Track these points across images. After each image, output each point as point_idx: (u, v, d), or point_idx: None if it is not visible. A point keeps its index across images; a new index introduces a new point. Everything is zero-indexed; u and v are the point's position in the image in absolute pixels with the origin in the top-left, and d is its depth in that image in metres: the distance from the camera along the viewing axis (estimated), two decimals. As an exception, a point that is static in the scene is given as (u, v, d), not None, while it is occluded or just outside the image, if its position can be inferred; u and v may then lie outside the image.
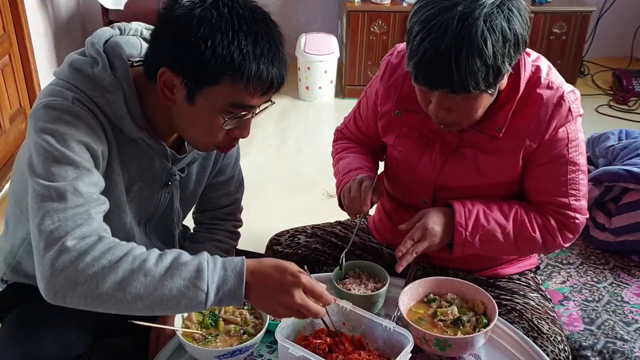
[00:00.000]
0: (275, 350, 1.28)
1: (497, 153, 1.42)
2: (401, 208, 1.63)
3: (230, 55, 1.10)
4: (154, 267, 1.04)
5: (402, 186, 1.60)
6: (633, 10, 4.52)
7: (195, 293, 1.04)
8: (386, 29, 3.88)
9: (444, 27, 1.18)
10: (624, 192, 1.94)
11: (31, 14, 3.30)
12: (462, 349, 1.29)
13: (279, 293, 1.08)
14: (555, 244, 1.48)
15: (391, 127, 1.54)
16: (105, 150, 1.19)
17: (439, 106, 1.30)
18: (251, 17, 1.13)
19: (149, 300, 1.04)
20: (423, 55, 1.21)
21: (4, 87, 3.04)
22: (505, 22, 1.20)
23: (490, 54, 1.19)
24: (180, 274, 1.05)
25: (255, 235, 1.59)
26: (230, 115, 1.18)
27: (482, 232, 1.42)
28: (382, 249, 1.71)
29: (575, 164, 1.42)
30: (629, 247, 1.92)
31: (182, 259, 1.07)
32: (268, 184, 3.16)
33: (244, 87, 1.14)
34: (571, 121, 1.39)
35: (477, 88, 1.22)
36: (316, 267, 1.68)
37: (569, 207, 1.44)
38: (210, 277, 1.05)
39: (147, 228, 1.43)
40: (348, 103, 3.97)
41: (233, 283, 1.06)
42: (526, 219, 1.45)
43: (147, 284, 1.03)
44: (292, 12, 4.48)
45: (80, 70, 1.19)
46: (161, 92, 1.18)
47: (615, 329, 1.65)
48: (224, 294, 1.06)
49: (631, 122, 3.81)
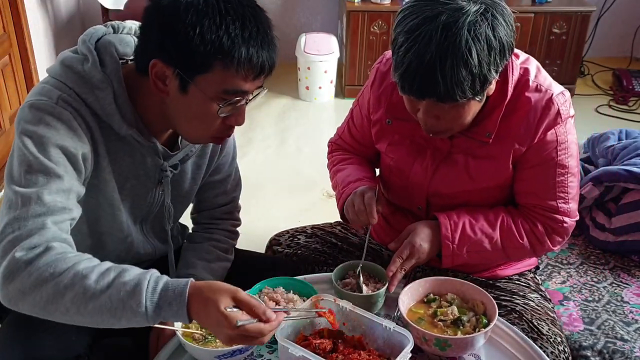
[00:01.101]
0: (275, 350, 1.28)
1: (487, 158, 1.42)
2: (398, 212, 1.64)
3: (219, 40, 1.11)
4: (94, 284, 1.04)
5: (397, 192, 1.61)
6: (633, 10, 4.52)
7: (134, 312, 1.03)
8: (386, 29, 3.88)
9: (428, 38, 1.17)
10: (624, 192, 1.94)
11: (31, 14, 3.31)
12: (462, 349, 1.29)
13: (215, 326, 1.05)
14: (544, 248, 1.48)
15: (383, 134, 1.55)
16: (88, 151, 1.19)
17: (427, 114, 1.30)
18: (237, 2, 1.14)
19: (88, 316, 1.04)
20: (408, 66, 1.20)
21: (4, 87, 3.04)
22: (490, 30, 1.19)
23: (475, 63, 1.18)
24: (118, 293, 1.03)
25: (255, 235, 1.59)
26: (224, 101, 1.18)
27: (469, 243, 1.44)
28: (381, 250, 1.71)
29: (564, 166, 1.42)
30: (629, 247, 1.92)
31: (124, 277, 1.05)
32: (268, 184, 3.17)
33: (235, 72, 1.14)
34: (560, 123, 1.38)
35: (463, 97, 1.22)
36: (316, 267, 1.68)
37: (557, 211, 1.44)
38: (150, 298, 1.04)
39: (144, 226, 1.43)
40: (348, 103, 3.94)
41: (175, 304, 1.04)
42: (513, 226, 1.45)
43: (84, 301, 1.03)
44: (292, 12, 4.48)
45: (71, 67, 1.20)
46: (154, 85, 1.18)
47: (615, 329, 1.65)
48: (166, 314, 1.05)
49: (631, 122, 3.81)
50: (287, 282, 1.45)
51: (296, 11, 4.48)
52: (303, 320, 1.28)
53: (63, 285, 1.03)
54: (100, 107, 1.19)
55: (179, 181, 1.43)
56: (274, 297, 1.39)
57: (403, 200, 1.60)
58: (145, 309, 1.03)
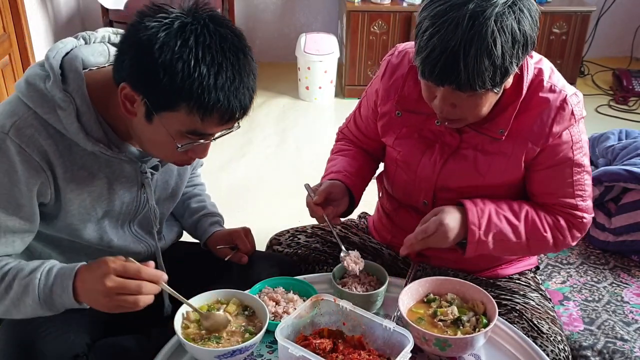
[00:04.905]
0: (275, 350, 1.28)
1: (497, 155, 1.42)
2: (401, 208, 1.63)
3: (189, 86, 1.09)
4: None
5: (402, 187, 1.60)
6: (633, 11, 4.52)
7: (33, 304, 1.20)
8: (386, 29, 3.88)
9: (454, 25, 1.18)
10: (624, 192, 1.94)
11: (31, 14, 3.31)
12: (462, 349, 1.29)
13: (93, 285, 1.15)
14: (565, 243, 1.47)
15: (391, 127, 1.54)
16: (44, 179, 1.21)
17: (444, 101, 1.30)
18: (218, 47, 1.10)
19: (18, 314, 1.23)
20: (432, 51, 1.20)
21: (4, 87, 3.04)
22: (516, 23, 1.20)
23: (499, 54, 1.19)
24: (14, 289, 1.20)
25: (256, 235, 1.59)
26: (186, 141, 1.18)
27: (495, 231, 1.41)
28: (381, 249, 1.71)
29: (580, 165, 1.42)
30: (629, 247, 1.92)
31: (20, 275, 1.20)
32: (268, 184, 3.17)
33: (200, 116, 1.13)
34: (574, 124, 1.39)
35: (482, 87, 1.22)
36: (316, 266, 1.68)
37: (576, 208, 1.44)
38: (43, 284, 1.19)
39: (132, 227, 1.43)
40: (348, 103, 3.97)
41: (59, 288, 1.18)
42: (537, 218, 1.44)
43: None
44: (292, 12, 4.48)
45: (33, 85, 1.19)
46: (122, 105, 1.18)
47: (615, 329, 1.65)
48: (54, 299, 1.19)
49: (631, 122, 3.82)
50: (287, 282, 1.45)
51: (296, 11, 4.48)
52: (303, 320, 1.28)
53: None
54: (63, 127, 1.19)
55: (165, 180, 1.43)
56: (274, 297, 1.40)
57: (408, 196, 1.58)
58: (38, 291, 1.19)
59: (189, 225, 1.62)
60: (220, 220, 1.63)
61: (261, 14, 4.47)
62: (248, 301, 1.34)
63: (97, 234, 1.35)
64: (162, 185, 1.43)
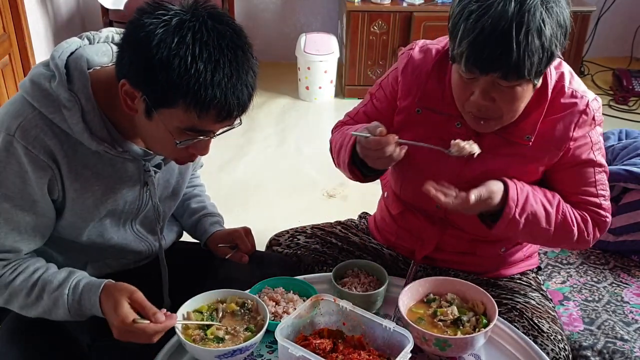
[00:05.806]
0: (275, 350, 1.28)
1: (517, 158, 1.42)
2: (408, 211, 1.61)
3: (185, 83, 1.08)
4: (24, 299, 1.26)
5: (413, 189, 1.54)
6: (633, 10, 4.52)
7: (63, 311, 1.25)
8: (386, 29, 3.88)
9: (502, 6, 1.19)
10: (624, 192, 1.94)
11: (31, 14, 3.31)
12: (462, 349, 1.29)
13: (111, 319, 1.20)
14: (586, 241, 1.46)
15: (408, 125, 1.50)
16: (52, 177, 1.22)
17: (483, 95, 1.28)
18: (216, 44, 1.10)
19: (34, 313, 1.27)
20: (480, 33, 1.19)
21: (4, 87, 3.04)
22: (558, 8, 1.22)
23: (548, 36, 1.20)
24: (44, 300, 1.25)
25: (255, 235, 1.58)
26: (185, 138, 1.18)
27: (529, 212, 1.39)
28: (382, 249, 1.70)
29: (600, 165, 1.44)
30: (628, 247, 1.92)
31: (48, 288, 1.25)
32: (268, 184, 3.17)
33: (197, 113, 1.13)
34: (594, 128, 1.41)
35: (530, 72, 1.22)
36: (316, 267, 1.68)
37: (600, 207, 1.45)
38: (71, 296, 1.25)
39: (134, 226, 1.43)
40: (348, 103, 3.97)
41: (88, 303, 1.24)
42: (567, 210, 1.43)
43: (27, 310, 1.27)
44: (292, 12, 4.48)
45: (38, 85, 1.20)
46: (123, 101, 1.18)
47: (615, 329, 1.65)
48: (83, 311, 1.25)
49: (631, 122, 3.81)
50: (287, 282, 1.45)
51: (296, 11, 4.48)
52: (303, 320, 1.28)
53: (3, 300, 1.27)
54: (68, 126, 1.19)
55: (167, 179, 1.43)
56: (274, 297, 1.40)
57: (419, 197, 1.53)
58: (68, 305, 1.24)
59: (189, 226, 1.62)
60: (220, 220, 1.63)
61: (261, 14, 4.47)
62: (248, 301, 1.34)
63: (98, 232, 1.35)
64: (163, 184, 1.43)
